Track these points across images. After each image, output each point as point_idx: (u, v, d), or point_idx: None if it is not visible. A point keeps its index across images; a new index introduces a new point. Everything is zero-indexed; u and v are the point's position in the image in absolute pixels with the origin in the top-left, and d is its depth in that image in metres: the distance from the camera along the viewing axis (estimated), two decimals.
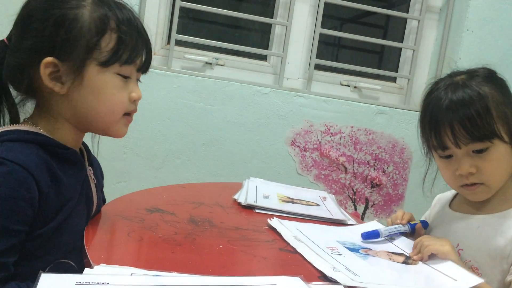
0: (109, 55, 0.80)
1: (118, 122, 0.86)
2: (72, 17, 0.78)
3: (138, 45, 0.84)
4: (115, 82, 0.83)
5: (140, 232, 0.81)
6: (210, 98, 1.80)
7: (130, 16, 0.84)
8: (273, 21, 1.96)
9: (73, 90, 0.80)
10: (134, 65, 0.85)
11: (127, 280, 0.57)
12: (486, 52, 1.94)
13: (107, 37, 0.80)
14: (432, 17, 2.04)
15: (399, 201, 1.97)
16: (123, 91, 0.84)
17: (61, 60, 0.78)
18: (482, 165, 0.92)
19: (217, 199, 1.13)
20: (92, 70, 0.80)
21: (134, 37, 0.83)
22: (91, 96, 0.81)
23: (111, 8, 0.82)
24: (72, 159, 0.83)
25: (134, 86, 0.87)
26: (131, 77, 0.86)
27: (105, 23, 0.80)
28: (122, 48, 0.81)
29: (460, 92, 0.93)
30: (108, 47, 0.80)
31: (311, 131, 1.88)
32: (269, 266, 0.75)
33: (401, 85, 2.09)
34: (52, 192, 0.76)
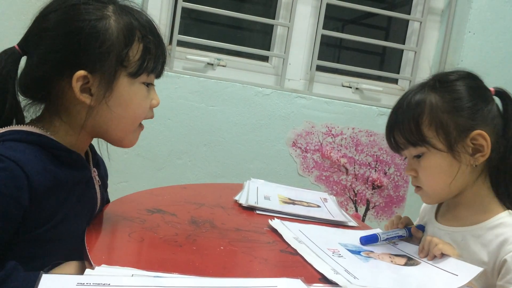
0: (138, 65, 0.81)
1: (134, 131, 0.88)
2: (103, 30, 0.78)
3: (160, 53, 0.84)
4: (141, 91, 0.84)
5: (141, 232, 0.81)
6: (211, 99, 1.80)
7: (151, 24, 0.84)
8: (275, 22, 1.96)
9: (103, 101, 0.79)
10: (156, 71, 0.86)
11: (128, 281, 0.57)
12: (488, 54, 1.94)
13: (134, 47, 0.80)
14: (434, 18, 2.04)
15: (400, 203, 1.97)
16: (147, 99, 0.86)
17: (92, 73, 0.78)
18: (419, 170, 0.94)
19: (218, 200, 1.13)
20: (122, 82, 0.80)
21: (157, 45, 0.83)
22: (120, 107, 0.81)
23: (134, 17, 0.82)
24: (74, 162, 0.83)
25: (154, 93, 0.88)
26: (152, 84, 0.87)
27: (132, 33, 0.80)
28: (148, 57, 0.82)
29: (409, 99, 0.94)
30: (135, 58, 0.80)
31: (312, 132, 1.88)
32: (269, 267, 0.75)
33: (403, 86, 2.09)
34: (49, 194, 0.75)
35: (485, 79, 1.89)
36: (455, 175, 0.90)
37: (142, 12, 0.85)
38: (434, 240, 0.85)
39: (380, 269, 0.80)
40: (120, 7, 0.82)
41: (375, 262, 0.83)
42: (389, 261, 0.84)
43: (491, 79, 1.22)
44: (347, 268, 0.74)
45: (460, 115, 0.90)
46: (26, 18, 0.82)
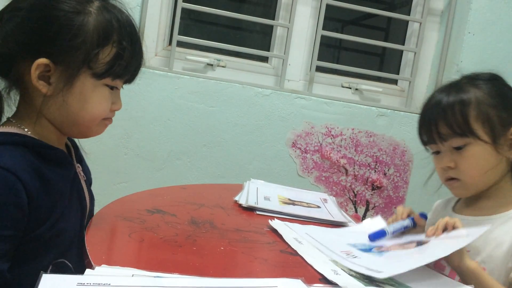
0: (105, 68, 0.79)
1: (96, 126, 0.86)
2: (78, 24, 0.77)
3: (132, 61, 0.83)
4: (103, 93, 0.82)
5: (141, 233, 0.81)
6: (211, 100, 1.80)
7: (132, 30, 0.83)
8: (275, 23, 1.96)
9: (60, 93, 0.79)
10: (124, 78, 0.85)
11: (128, 281, 0.57)
12: (488, 54, 1.94)
13: (106, 49, 0.79)
14: (433, 19, 2.04)
15: (399, 203, 1.97)
16: (108, 101, 0.84)
17: (55, 64, 0.77)
18: (460, 161, 0.98)
19: (218, 200, 1.13)
20: (85, 80, 0.79)
21: (131, 53, 0.82)
22: (77, 103, 0.80)
23: (116, 19, 0.80)
24: (59, 159, 0.83)
25: (118, 97, 0.87)
26: (118, 88, 0.86)
27: (108, 35, 0.79)
28: (118, 62, 0.80)
29: (451, 93, 1.00)
30: (105, 60, 0.79)
31: (312, 133, 1.88)
32: (270, 268, 0.75)
33: (402, 87, 2.09)
34: (42, 194, 0.75)
35: None
36: (494, 167, 0.97)
37: (127, 15, 0.84)
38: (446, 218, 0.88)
39: (398, 257, 0.82)
40: (105, 5, 0.81)
41: (389, 253, 0.84)
42: (401, 249, 0.86)
43: None
44: (368, 266, 0.74)
45: (504, 110, 0.97)
46: None
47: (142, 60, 0.87)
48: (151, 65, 1.82)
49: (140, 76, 1.90)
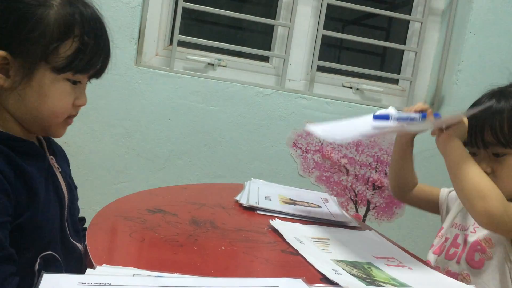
0: (65, 63, 0.78)
1: (59, 125, 0.85)
2: (37, 17, 0.75)
3: (96, 56, 0.82)
4: (64, 87, 0.81)
5: (142, 232, 0.81)
6: (212, 99, 1.80)
7: (97, 24, 0.81)
8: (276, 23, 1.96)
9: (19, 87, 0.77)
10: (87, 73, 0.83)
11: (129, 280, 0.57)
12: (489, 54, 1.94)
13: (67, 43, 0.78)
14: (434, 19, 2.04)
15: (400, 203, 1.97)
16: (69, 96, 0.82)
17: (14, 56, 0.76)
18: (498, 168, 1.04)
19: (219, 200, 1.13)
20: (43, 73, 0.78)
21: (95, 47, 0.80)
22: (37, 97, 0.79)
23: (80, 13, 0.78)
24: (31, 151, 0.82)
25: (81, 93, 0.85)
26: (81, 83, 0.84)
27: (69, 29, 0.77)
28: (80, 57, 0.79)
29: (501, 101, 1.04)
30: (65, 54, 0.78)
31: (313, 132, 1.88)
32: (271, 267, 0.75)
33: (403, 87, 2.09)
34: (18, 184, 0.75)
35: (486, 79, 1.90)
36: None
37: (94, 9, 0.82)
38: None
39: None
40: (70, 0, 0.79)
41: None
42: None
43: (491, 79, 1.22)
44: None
45: None
46: None
47: (108, 56, 0.85)
48: (152, 65, 1.82)
49: (141, 75, 1.91)
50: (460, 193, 0.99)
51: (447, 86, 1.98)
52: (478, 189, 0.94)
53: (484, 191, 0.94)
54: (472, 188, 0.95)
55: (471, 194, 0.95)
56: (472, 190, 0.95)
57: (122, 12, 1.72)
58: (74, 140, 1.73)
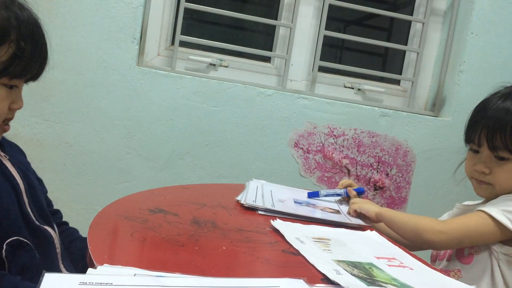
0: (0, 69, 0.77)
1: None
2: None
3: (33, 61, 0.80)
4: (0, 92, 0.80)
5: (143, 232, 0.81)
6: (213, 99, 1.80)
7: (33, 25, 0.80)
8: (277, 23, 1.96)
9: None
10: (24, 78, 0.82)
11: (130, 280, 0.57)
12: (490, 55, 1.94)
13: (3, 49, 0.76)
14: (436, 19, 2.04)
15: (402, 204, 1.97)
16: (5, 100, 0.81)
17: None
18: (497, 171, 1.07)
19: (220, 200, 1.13)
20: None
21: (32, 52, 0.79)
22: None
23: (16, 17, 0.77)
24: None
25: (17, 96, 0.84)
26: (18, 87, 0.83)
27: (5, 34, 0.76)
28: (16, 63, 0.78)
29: (508, 103, 1.06)
30: (1, 60, 0.76)
31: (314, 133, 1.88)
32: (272, 268, 0.75)
33: (405, 87, 2.09)
34: None
35: (488, 80, 1.90)
36: None
37: (31, 13, 0.80)
38: (353, 201, 1.12)
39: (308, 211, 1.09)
40: (6, 3, 0.77)
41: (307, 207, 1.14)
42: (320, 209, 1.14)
43: (493, 80, 1.22)
44: None
45: None
46: None
47: (45, 60, 0.84)
48: (154, 65, 1.82)
49: (143, 75, 1.91)
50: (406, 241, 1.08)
51: (449, 87, 1.98)
52: (411, 229, 1.03)
53: (416, 228, 1.03)
54: (408, 231, 1.04)
55: (410, 237, 1.05)
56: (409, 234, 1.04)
57: (124, 12, 1.72)
58: (76, 140, 1.73)
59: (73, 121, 1.72)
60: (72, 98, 1.72)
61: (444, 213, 1.32)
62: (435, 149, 1.96)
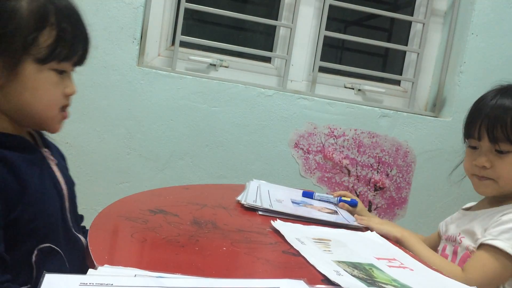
0: (47, 52, 0.77)
1: (54, 118, 0.85)
2: (10, 10, 0.74)
3: (76, 41, 0.81)
4: (51, 78, 0.80)
5: (144, 233, 0.81)
6: (214, 100, 1.80)
7: (70, 9, 0.81)
8: (278, 23, 1.96)
9: (7, 84, 0.77)
10: (72, 60, 0.83)
11: (131, 281, 0.57)
12: (491, 55, 1.94)
13: (45, 33, 0.77)
14: (437, 20, 2.04)
15: (402, 204, 1.97)
16: (58, 86, 0.82)
17: None
18: (498, 164, 1.06)
19: (221, 201, 1.13)
20: (28, 67, 0.77)
21: (73, 32, 0.80)
22: (26, 92, 0.79)
23: (50, 1, 0.78)
24: (19, 144, 0.81)
25: (69, 81, 0.85)
26: (67, 71, 0.84)
27: (44, 17, 0.76)
28: (61, 45, 0.78)
29: (506, 97, 1.07)
30: (46, 43, 0.77)
31: (314, 133, 1.88)
32: (272, 268, 0.75)
33: (405, 88, 2.09)
34: (9, 178, 0.75)
35: (488, 81, 1.90)
36: None
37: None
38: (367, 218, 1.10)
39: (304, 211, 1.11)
40: None
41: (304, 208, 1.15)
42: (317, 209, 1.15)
43: (493, 81, 1.22)
44: None
45: None
46: None
47: (88, 41, 0.84)
48: (154, 65, 1.82)
49: (143, 76, 1.91)
50: None
51: (449, 87, 1.98)
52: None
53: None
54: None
55: None
56: None
57: (124, 13, 1.72)
58: (76, 140, 1.73)
59: (73, 121, 1.72)
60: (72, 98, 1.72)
61: (444, 213, 1.33)
62: (435, 150, 1.96)
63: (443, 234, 1.23)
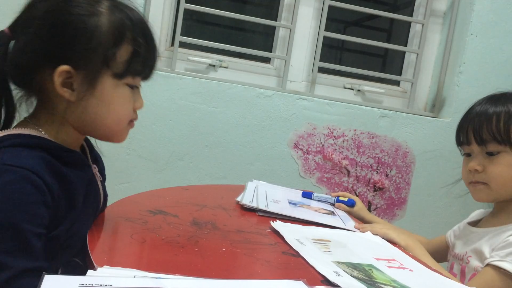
0: (124, 67, 0.79)
1: (123, 131, 0.87)
2: (92, 26, 0.76)
3: (149, 56, 0.83)
4: (125, 93, 0.82)
5: (143, 234, 0.81)
6: (213, 100, 1.80)
7: (144, 26, 0.83)
8: (277, 24, 1.96)
9: (83, 98, 0.78)
10: (143, 75, 0.85)
11: (130, 282, 0.57)
12: (490, 56, 1.94)
13: (123, 48, 0.79)
14: (436, 21, 2.04)
15: (402, 205, 1.97)
16: (130, 101, 0.84)
17: (76, 69, 0.77)
18: (489, 166, 1.07)
19: (220, 201, 1.13)
20: (106, 81, 0.79)
21: (147, 47, 0.82)
22: (101, 106, 0.80)
23: (128, 17, 0.80)
24: (76, 161, 0.83)
25: (139, 96, 0.87)
26: (138, 86, 0.86)
27: (123, 34, 0.79)
28: (136, 59, 0.80)
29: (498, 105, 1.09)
30: (123, 58, 0.79)
31: (314, 134, 1.88)
32: (271, 269, 0.75)
33: (405, 88, 2.09)
34: (61, 194, 0.76)
35: (487, 81, 1.90)
36: None
37: (138, 12, 0.83)
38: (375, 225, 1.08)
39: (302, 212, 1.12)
40: (115, 4, 0.80)
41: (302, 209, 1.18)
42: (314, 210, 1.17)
43: (493, 81, 1.22)
44: None
45: None
46: None
47: (157, 55, 0.86)
48: None
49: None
50: None
51: (449, 88, 1.98)
52: None
53: None
54: None
55: None
56: None
57: None
58: None
59: None
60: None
61: (443, 213, 1.33)
62: (435, 150, 1.96)
63: (451, 249, 1.23)
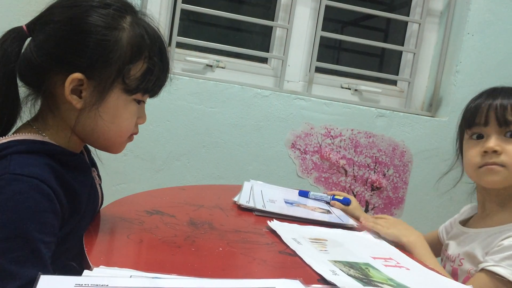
0: (136, 84, 0.80)
1: (122, 143, 0.88)
2: (113, 40, 0.77)
3: (162, 76, 0.84)
4: (131, 108, 0.83)
5: (140, 234, 0.81)
6: (210, 100, 1.80)
7: (161, 43, 0.83)
8: (274, 24, 1.96)
9: (91, 107, 0.78)
10: (155, 93, 0.86)
11: (127, 282, 0.57)
12: (487, 55, 1.95)
13: (138, 65, 0.79)
14: (433, 20, 2.04)
15: (399, 204, 1.97)
16: (135, 116, 0.85)
17: (88, 78, 0.77)
18: (509, 148, 1.03)
19: (217, 201, 1.13)
20: (116, 95, 0.79)
21: (161, 67, 0.82)
22: (106, 118, 0.80)
23: (148, 35, 0.80)
24: (79, 165, 0.83)
25: (143, 111, 0.87)
26: (144, 102, 0.86)
27: (141, 51, 0.79)
28: (148, 78, 0.81)
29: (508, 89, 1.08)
30: (136, 75, 0.79)
31: (311, 133, 1.88)
32: (268, 268, 0.75)
33: (402, 88, 2.09)
34: (65, 201, 0.76)
35: (484, 80, 1.91)
36: None
37: (157, 30, 0.83)
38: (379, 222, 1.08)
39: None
40: (137, 20, 0.80)
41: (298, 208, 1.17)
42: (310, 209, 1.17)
43: (489, 80, 1.23)
44: None
45: None
46: (26, 20, 0.81)
47: (169, 74, 0.87)
48: None
49: None
50: None
51: (445, 87, 1.98)
52: None
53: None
54: None
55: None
56: None
57: None
58: None
59: None
60: None
61: (441, 213, 1.33)
62: (432, 149, 1.96)
63: (443, 248, 1.21)
